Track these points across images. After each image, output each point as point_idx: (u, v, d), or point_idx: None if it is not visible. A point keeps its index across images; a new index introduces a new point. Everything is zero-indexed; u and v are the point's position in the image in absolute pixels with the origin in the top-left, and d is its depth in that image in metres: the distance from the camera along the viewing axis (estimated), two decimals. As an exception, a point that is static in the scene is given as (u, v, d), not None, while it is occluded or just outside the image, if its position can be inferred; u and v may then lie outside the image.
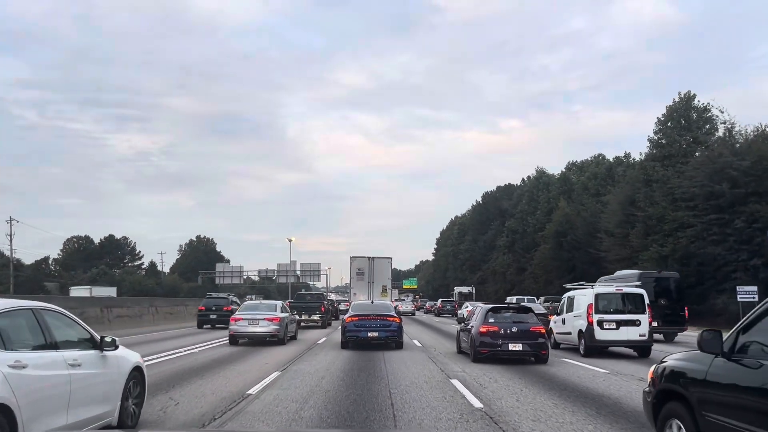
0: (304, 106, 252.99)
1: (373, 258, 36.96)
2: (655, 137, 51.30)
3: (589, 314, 18.17)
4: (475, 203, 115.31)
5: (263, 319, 21.89)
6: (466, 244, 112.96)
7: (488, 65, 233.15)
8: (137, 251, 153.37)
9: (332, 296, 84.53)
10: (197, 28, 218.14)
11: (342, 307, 44.20)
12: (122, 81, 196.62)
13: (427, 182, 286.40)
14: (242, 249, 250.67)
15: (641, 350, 18.49)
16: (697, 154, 47.65)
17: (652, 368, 6.34)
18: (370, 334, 19.81)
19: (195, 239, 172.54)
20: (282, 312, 23.05)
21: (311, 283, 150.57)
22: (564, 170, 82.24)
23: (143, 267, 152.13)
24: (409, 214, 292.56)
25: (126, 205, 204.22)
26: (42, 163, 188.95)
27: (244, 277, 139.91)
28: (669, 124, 50.29)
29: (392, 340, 20.03)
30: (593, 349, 18.22)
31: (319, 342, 23.78)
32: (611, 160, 69.03)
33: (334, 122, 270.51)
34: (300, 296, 41.65)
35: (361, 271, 36.52)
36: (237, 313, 23.27)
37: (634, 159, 67.18)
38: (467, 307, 40.29)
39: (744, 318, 5.35)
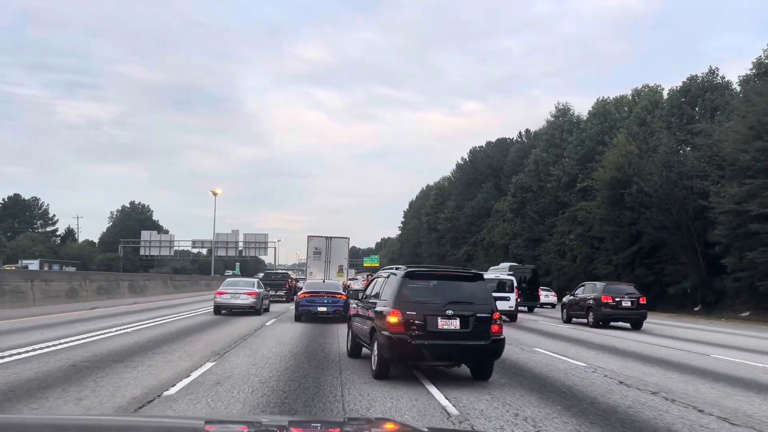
0: (263, 79, 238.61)
1: (331, 238, 35.94)
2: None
3: None
4: (460, 161, 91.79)
5: (243, 293, 23.70)
6: (447, 211, 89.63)
7: (451, 46, 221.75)
8: (51, 215, 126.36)
9: (290, 274, 71.68)
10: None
11: (301, 284, 43.48)
12: (72, 46, 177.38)
13: (388, 162, 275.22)
14: (189, 223, 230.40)
15: (510, 317, 24.18)
16: None
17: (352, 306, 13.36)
18: (319, 309, 21.35)
19: (128, 205, 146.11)
20: (258, 288, 25.12)
21: (262, 257, 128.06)
22: (592, 109, 59.11)
23: (57, 234, 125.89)
24: (368, 193, 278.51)
25: (74, 175, 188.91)
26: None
27: (176, 248, 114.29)
28: None
29: (339, 314, 21.10)
30: None
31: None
32: (681, 84, 45.96)
33: (294, 97, 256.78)
34: (268, 274, 43.94)
35: (318, 250, 35.59)
36: (221, 287, 24.69)
37: (723, 78, 44.45)
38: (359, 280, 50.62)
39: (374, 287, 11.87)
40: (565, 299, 26.78)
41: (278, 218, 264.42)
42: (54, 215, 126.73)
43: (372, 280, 12.47)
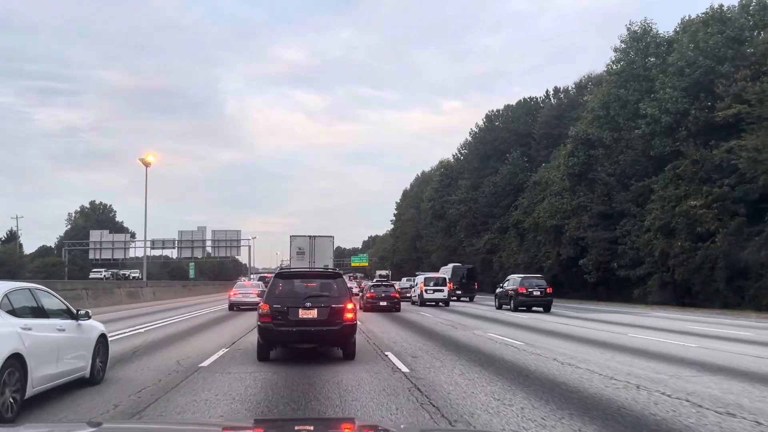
0: (242, 82, 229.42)
1: (315, 237, 34.39)
2: None
3: (421, 286, 34.98)
4: (475, 128, 72.74)
5: (252, 293, 29.76)
6: (460, 192, 70.79)
7: (430, 44, 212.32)
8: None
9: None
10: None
11: None
12: (47, 51, 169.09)
13: (371, 162, 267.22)
14: (168, 228, 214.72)
15: (444, 303, 34.17)
16: None
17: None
18: None
19: (88, 206, 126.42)
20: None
21: (236, 257, 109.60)
22: (678, 29, 40.56)
23: None
24: (352, 193, 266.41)
25: (53, 184, 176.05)
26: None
27: (133, 252, 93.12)
28: None
29: None
30: (423, 303, 34.11)
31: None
32: None
33: (274, 99, 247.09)
34: (261, 277, 47.57)
35: (302, 250, 34.19)
36: (233, 289, 31.73)
37: None
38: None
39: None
40: (497, 290, 32.60)
41: (261, 221, 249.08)
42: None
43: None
